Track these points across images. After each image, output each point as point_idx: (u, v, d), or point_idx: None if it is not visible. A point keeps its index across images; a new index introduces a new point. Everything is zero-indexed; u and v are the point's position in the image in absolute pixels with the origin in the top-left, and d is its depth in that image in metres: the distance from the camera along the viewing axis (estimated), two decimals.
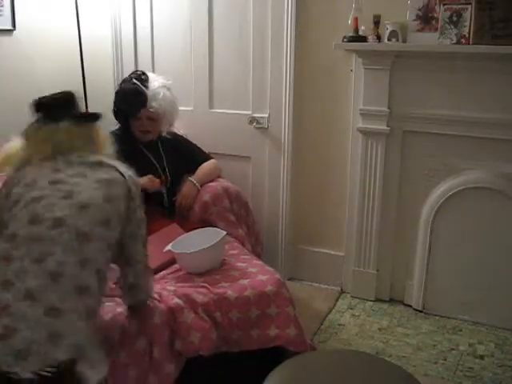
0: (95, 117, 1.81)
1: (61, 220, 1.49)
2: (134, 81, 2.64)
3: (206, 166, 2.77)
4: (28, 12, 2.84)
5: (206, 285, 2.05)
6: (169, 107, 2.68)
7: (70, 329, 1.36)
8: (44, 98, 1.77)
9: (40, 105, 1.75)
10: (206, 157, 2.85)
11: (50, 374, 1.29)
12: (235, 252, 2.36)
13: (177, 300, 1.94)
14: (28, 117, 1.92)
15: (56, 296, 1.38)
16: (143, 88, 2.61)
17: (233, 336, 1.99)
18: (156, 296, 1.97)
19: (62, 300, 1.38)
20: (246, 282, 2.08)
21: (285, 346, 2.04)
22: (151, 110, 2.62)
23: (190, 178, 2.68)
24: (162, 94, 2.65)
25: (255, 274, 2.13)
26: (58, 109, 1.74)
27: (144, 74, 2.70)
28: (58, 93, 1.78)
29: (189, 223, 2.55)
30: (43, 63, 2.98)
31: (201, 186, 2.67)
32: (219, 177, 2.82)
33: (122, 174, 1.67)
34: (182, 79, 3.19)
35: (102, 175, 1.64)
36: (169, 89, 2.73)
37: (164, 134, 2.76)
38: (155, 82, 2.69)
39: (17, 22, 2.78)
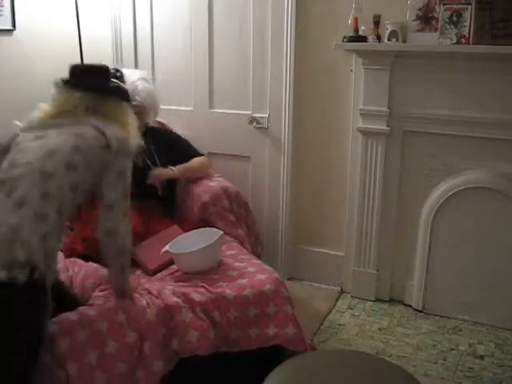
0: (116, 92, 2.01)
1: (29, 163, 1.70)
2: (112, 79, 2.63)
3: (194, 160, 2.79)
4: (28, 12, 2.84)
5: (204, 284, 2.05)
6: (150, 98, 2.68)
7: (24, 243, 1.57)
8: (79, 65, 2.11)
9: (73, 69, 1.98)
10: (197, 153, 2.85)
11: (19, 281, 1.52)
12: (233, 252, 2.36)
13: (175, 299, 1.94)
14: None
15: (16, 220, 1.60)
16: (123, 85, 2.61)
17: (232, 335, 1.99)
18: (155, 293, 1.98)
19: (22, 223, 1.60)
20: (244, 281, 2.08)
21: (284, 345, 2.04)
22: (134, 103, 2.58)
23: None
24: (140, 86, 2.64)
25: (254, 274, 2.13)
26: (83, 77, 1.96)
27: (118, 70, 2.66)
28: (94, 64, 2.03)
29: (188, 223, 2.55)
30: (43, 63, 2.98)
31: (183, 176, 2.69)
32: (212, 175, 2.83)
33: (102, 133, 1.83)
34: (182, 79, 3.20)
35: (78, 130, 1.82)
36: (147, 80, 2.72)
37: (150, 123, 2.77)
38: (132, 75, 2.66)
39: (17, 22, 2.78)
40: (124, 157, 1.87)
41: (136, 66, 3.28)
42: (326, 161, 3.01)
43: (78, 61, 3.06)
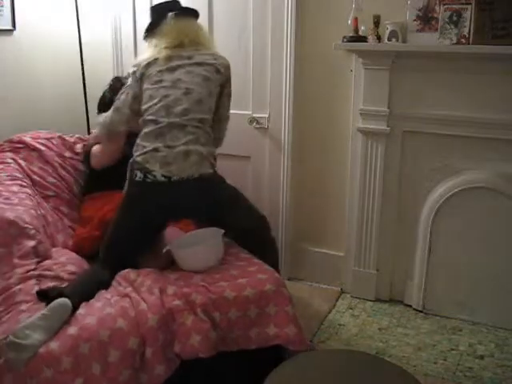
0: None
1: (186, 110, 2.22)
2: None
3: None
4: (28, 12, 2.84)
5: (205, 284, 2.04)
6: None
7: None
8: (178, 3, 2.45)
9: (174, 3, 2.43)
10: None
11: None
12: (234, 251, 2.36)
13: (177, 301, 1.94)
14: (29, 116, 1.94)
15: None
16: None
17: (231, 335, 1.98)
18: (156, 292, 1.97)
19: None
20: (244, 280, 2.08)
21: (284, 345, 2.04)
22: None
23: None
24: None
25: (254, 273, 2.13)
26: (184, 9, 2.42)
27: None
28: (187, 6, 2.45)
29: (188, 223, 2.55)
30: (43, 63, 2.98)
31: None
32: None
33: (218, 70, 2.33)
34: None
35: (204, 73, 2.29)
36: None
37: None
38: None
39: (17, 22, 2.78)
40: (229, 82, 2.40)
41: None
42: (326, 161, 3.01)
43: (77, 60, 3.06)
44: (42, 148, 2.64)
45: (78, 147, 2.81)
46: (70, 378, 1.70)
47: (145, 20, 3.18)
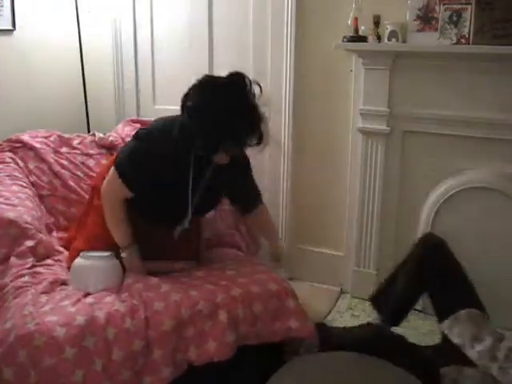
0: None
1: None
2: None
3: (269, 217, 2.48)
4: (28, 12, 2.84)
5: (227, 283, 2.01)
6: None
7: None
8: None
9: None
10: (259, 196, 2.42)
11: None
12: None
13: (199, 305, 1.90)
14: (29, 116, 1.94)
15: None
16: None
17: (255, 329, 1.95)
18: (177, 298, 1.93)
19: None
20: (263, 276, 2.10)
21: (303, 338, 2.03)
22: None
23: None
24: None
25: (264, 272, 2.15)
26: None
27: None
28: None
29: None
30: (43, 63, 2.99)
31: None
32: None
33: None
34: (182, 79, 3.18)
35: None
36: None
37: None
38: None
39: (17, 22, 2.78)
40: None
41: (136, 67, 3.29)
42: (326, 161, 3.01)
43: (77, 60, 3.06)
44: (38, 146, 2.61)
45: (75, 142, 2.75)
46: (71, 369, 1.70)
47: (144, 20, 3.23)
